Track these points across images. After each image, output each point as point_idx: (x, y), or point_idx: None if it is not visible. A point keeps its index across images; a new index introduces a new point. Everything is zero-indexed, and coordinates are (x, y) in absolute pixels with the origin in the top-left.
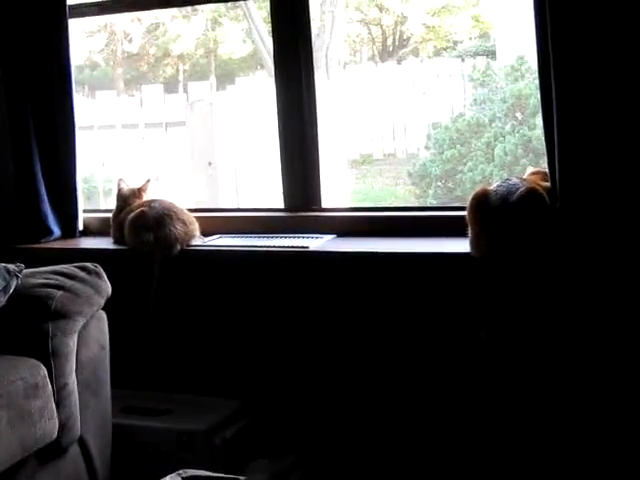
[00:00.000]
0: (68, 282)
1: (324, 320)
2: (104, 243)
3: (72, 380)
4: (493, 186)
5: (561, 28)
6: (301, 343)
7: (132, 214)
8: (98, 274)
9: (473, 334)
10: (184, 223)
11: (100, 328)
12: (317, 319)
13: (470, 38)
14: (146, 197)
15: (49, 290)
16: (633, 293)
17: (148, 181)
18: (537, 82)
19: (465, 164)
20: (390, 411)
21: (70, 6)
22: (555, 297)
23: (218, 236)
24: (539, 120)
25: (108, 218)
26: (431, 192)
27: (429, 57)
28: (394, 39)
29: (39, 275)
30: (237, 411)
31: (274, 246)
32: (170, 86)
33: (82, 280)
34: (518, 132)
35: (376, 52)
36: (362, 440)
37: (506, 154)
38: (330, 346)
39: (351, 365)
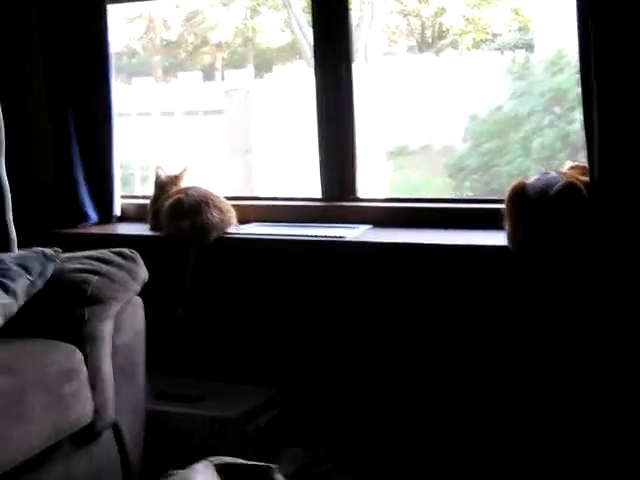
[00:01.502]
0: (104, 267)
1: (359, 310)
2: (141, 229)
3: (107, 365)
4: (531, 179)
5: (603, 22)
6: (335, 333)
7: (169, 201)
8: (134, 260)
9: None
10: (220, 211)
11: (136, 314)
12: (352, 309)
13: (509, 31)
14: (183, 184)
15: (85, 275)
16: None
17: (185, 169)
18: (577, 76)
19: (502, 157)
20: (424, 403)
21: None
22: (591, 292)
23: (254, 224)
24: (578, 114)
25: (145, 204)
26: (467, 185)
27: (468, 49)
28: (433, 31)
29: (76, 260)
30: (270, 400)
31: (310, 235)
32: (208, 74)
33: (118, 265)
34: (556, 126)
35: (415, 43)
36: (390, 432)
37: (544, 148)
38: (364, 337)
39: (385, 356)
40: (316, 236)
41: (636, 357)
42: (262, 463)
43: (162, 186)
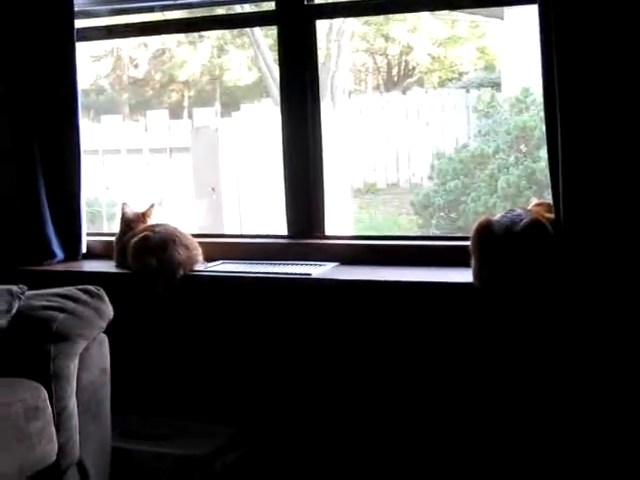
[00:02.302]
0: (70, 304)
1: (326, 347)
2: (107, 266)
3: (72, 403)
4: (497, 216)
5: (567, 61)
6: (303, 370)
7: (136, 238)
8: (100, 297)
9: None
10: (187, 248)
11: (101, 351)
12: (319, 346)
13: (475, 69)
14: (150, 221)
15: (51, 312)
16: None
17: (152, 206)
18: (542, 114)
19: (468, 195)
20: (391, 441)
21: (77, 29)
22: (557, 327)
23: (221, 262)
24: (543, 152)
25: (111, 241)
26: (434, 222)
27: (434, 87)
28: (399, 69)
29: (41, 297)
30: (235, 437)
31: (277, 273)
32: (175, 112)
33: (84, 303)
34: (522, 164)
35: (381, 81)
36: (362, 469)
37: (509, 186)
38: (331, 374)
39: (352, 393)
40: (282, 273)
41: (600, 389)
42: None
43: (128, 223)
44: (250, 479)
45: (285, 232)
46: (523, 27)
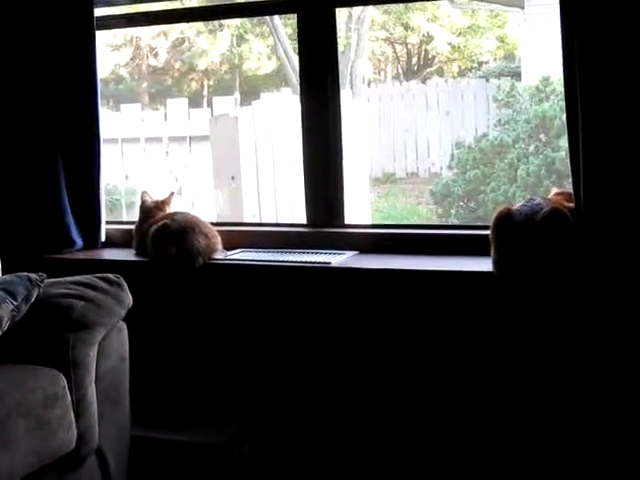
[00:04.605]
0: (90, 292)
1: (345, 336)
2: (126, 254)
3: (91, 391)
4: (517, 206)
5: (588, 49)
6: (322, 358)
7: (155, 226)
8: (120, 285)
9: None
10: (206, 236)
11: (120, 339)
12: (338, 335)
13: (495, 59)
14: (169, 210)
15: (71, 300)
16: None
17: (172, 194)
18: (562, 104)
19: (488, 184)
20: (414, 431)
21: (97, 17)
22: (577, 316)
23: (240, 250)
24: (563, 142)
25: (131, 230)
26: (453, 212)
27: (454, 77)
28: (419, 58)
29: (61, 285)
30: (253, 426)
31: (296, 261)
32: (194, 101)
33: (103, 291)
34: (542, 153)
35: (401, 71)
36: (376, 463)
37: (529, 175)
38: (350, 362)
39: (372, 381)
40: (302, 262)
41: (621, 379)
42: None
43: (148, 211)
44: (268, 467)
45: (304, 221)
46: (543, 16)
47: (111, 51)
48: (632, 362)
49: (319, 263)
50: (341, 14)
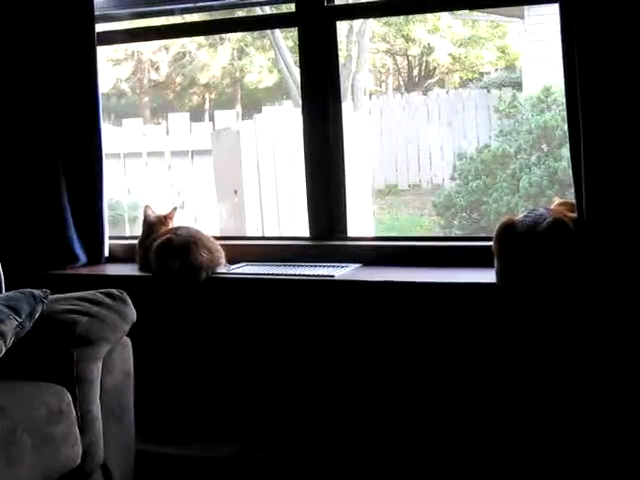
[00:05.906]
0: (93, 308)
1: (349, 349)
2: (130, 269)
3: (96, 406)
4: (520, 216)
5: (589, 59)
6: (326, 371)
7: (158, 241)
8: (123, 300)
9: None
10: (210, 251)
11: (124, 354)
12: (342, 348)
13: (496, 69)
14: (172, 224)
15: (74, 316)
16: None
17: (174, 209)
18: (563, 114)
19: (490, 195)
20: (417, 444)
21: (98, 33)
22: (580, 327)
23: (243, 264)
24: (565, 152)
25: (134, 245)
26: (456, 223)
27: (455, 88)
28: (420, 69)
29: (65, 301)
30: (258, 439)
31: (299, 275)
32: (196, 114)
33: (107, 306)
34: (544, 163)
35: (402, 82)
36: (381, 474)
37: (531, 185)
38: (354, 375)
39: (376, 393)
40: (305, 275)
41: (624, 389)
42: None
43: (151, 226)
44: None
45: (307, 234)
46: (543, 26)
47: (112, 66)
48: (635, 373)
49: (322, 276)
50: (342, 26)
